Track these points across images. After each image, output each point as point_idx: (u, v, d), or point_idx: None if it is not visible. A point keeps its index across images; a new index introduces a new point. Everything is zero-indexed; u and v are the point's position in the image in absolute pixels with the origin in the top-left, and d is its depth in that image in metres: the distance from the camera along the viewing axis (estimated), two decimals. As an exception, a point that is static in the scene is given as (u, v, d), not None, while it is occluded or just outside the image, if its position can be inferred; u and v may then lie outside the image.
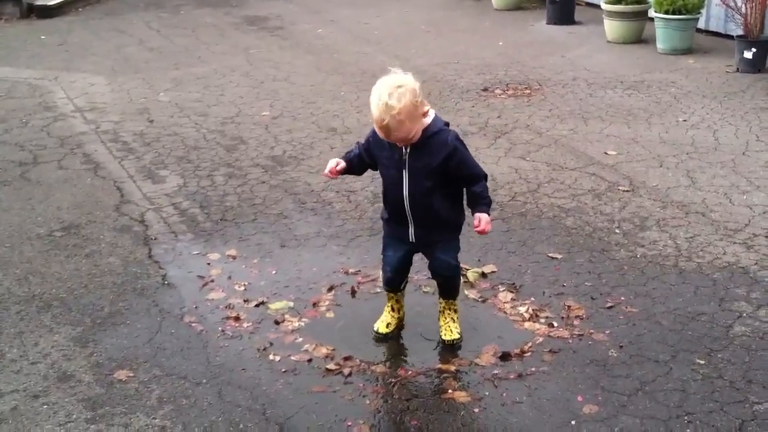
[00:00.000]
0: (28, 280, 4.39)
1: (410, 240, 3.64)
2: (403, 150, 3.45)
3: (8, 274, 4.46)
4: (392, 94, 3.25)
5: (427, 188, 3.48)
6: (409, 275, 3.93)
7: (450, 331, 3.77)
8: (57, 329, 3.91)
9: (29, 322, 3.97)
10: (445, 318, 3.81)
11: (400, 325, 3.91)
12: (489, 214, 3.55)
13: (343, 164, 3.69)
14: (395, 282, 3.81)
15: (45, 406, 3.35)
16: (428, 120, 3.43)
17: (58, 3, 12.75)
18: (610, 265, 4.41)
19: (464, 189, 3.61)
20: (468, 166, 3.52)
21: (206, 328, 3.90)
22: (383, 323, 3.87)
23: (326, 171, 3.70)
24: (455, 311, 3.82)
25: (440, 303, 3.83)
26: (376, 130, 3.39)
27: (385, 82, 3.31)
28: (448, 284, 3.77)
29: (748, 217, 4.96)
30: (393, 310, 3.89)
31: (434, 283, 3.98)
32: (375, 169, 3.69)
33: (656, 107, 7.24)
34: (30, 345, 3.78)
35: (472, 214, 3.56)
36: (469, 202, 3.60)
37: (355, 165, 3.73)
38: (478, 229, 3.52)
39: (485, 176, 3.59)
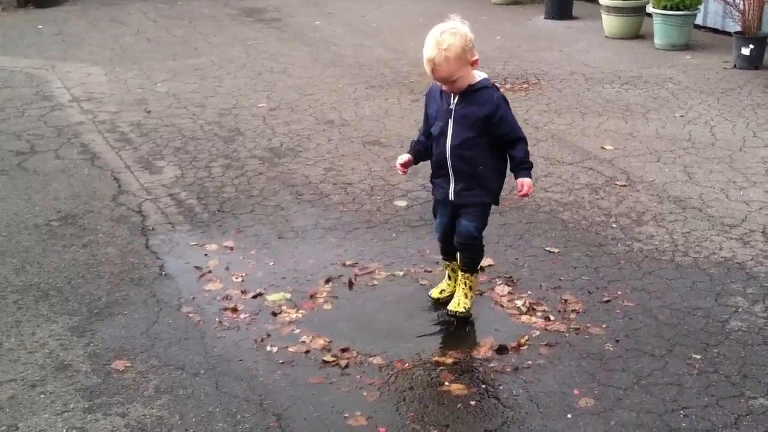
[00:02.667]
0: (26, 270, 4.39)
1: (450, 198, 3.75)
2: (452, 100, 3.62)
3: (5, 264, 4.45)
4: (445, 32, 3.49)
5: (469, 138, 3.62)
6: (411, 267, 3.91)
7: (458, 303, 3.86)
8: (54, 319, 3.91)
9: (26, 312, 3.97)
10: (459, 291, 3.90)
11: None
12: (531, 178, 3.70)
13: (407, 157, 3.84)
14: (444, 247, 3.97)
15: (42, 395, 3.35)
16: (479, 76, 3.64)
17: (55, -8, 12.70)
18: (606, 260, 4.42)
19: (507, 155, 3.74)
20: (508, 125, 3.65)
21: (204, 318, 3.91)
22: (437, 289, 4.04)
23: (398, 168, 3.87)
24: (470, 288, 3.89)
25: (459, 275, 3.92)
26: (425, 66, 3.52)
27: (442, 25, 3.54)
28: (466, 252, 3.84)
29: (744, 212, 4.98)
30: (449, 278, 4.03)
31: (430, 276, 4.03)
32: None
33: (653, 103, 7.25)
34: (27, 334, 3.79)
35: (515, 179, 3.71)
36: (512, 167, 3.74)
37: (421, 150, 3.84)
38: (521, 193, 3.68)
39: (524, 139, 3.71)
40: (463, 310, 3.84)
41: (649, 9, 9.42)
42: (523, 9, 11.95)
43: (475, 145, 3.64)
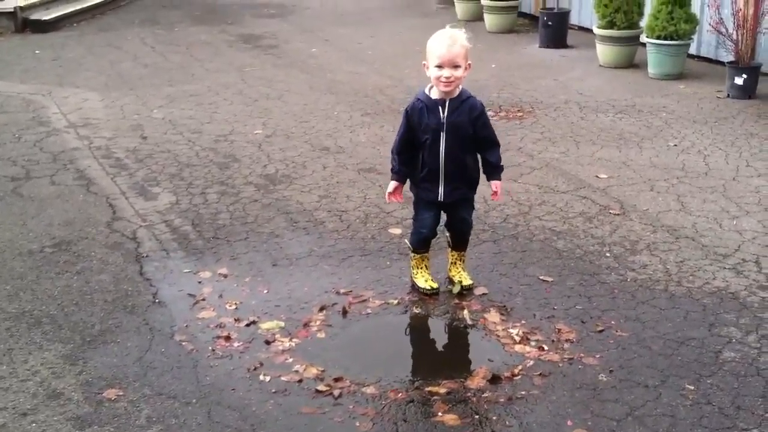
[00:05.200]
0: (19, 297, 4.38)
1: (439, 199, 4.24)
2: (442, 114, 4.09)
3: (-2, 290, 4.45)
4: (460, 33, 4.10)
5: (462, 145, 4.15)
6: (405, 295, 3.92)
7: (466, 278, 4.43)
8: (47, 346, 3.90)
9: (19, 339, 3.96)
10: (458, 268, 4.48)
11: None
12: (501, 180, 4.32)
13: (395, 185, 4.33)
14: (429, 240, 4.42)
15: (33, 424, 3.33)
16: (460, 88, 4.16)
17: (53, 18, 12.77)
18: (600, 289, 4.43)
19: (480, 156, 4.29)
20: (489, 129, 4.23)
21: (197, 347, 3.90)
22: (430, 280, 4.41)
23: (390, 199, 4.39)
24: (463, 261, 4.50)
25: (452, 255, 4.49)
26: (437, 50, 4.01)
27: (451, 29, 4.13)
28: (464, 238, 4.46)
29: (737, 242, 4.99)
30: (427, 267, 4.47)
31: (425, 305, 4.07)
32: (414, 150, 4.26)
33: (647, 131, 7.29)
34: (19, 362, 3.77)
35: (489, 181, 4.29)
36: (486, 170, 4.31)
37: (406, 171, 4.30)
38: (496, 197, 4.34)
39: (499, 144, 4.31)
40: (472, 281, 4.42)
41: (643, 38, 9.50)
42: (517, 37, 12.04)
43: (466, 150, 4.19)
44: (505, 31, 12.33)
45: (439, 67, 4.01)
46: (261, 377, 3.65)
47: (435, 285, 4.39)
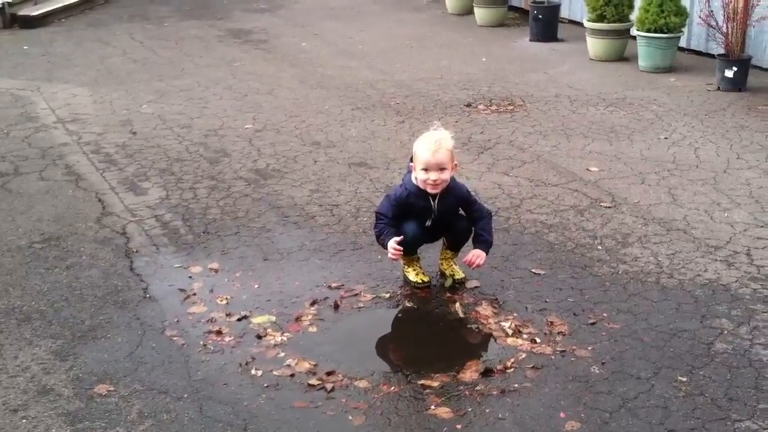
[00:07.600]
0: (8, 293, 4.35)
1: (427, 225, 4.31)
2: (432, 202, 4.19)
3: (-13, 286, 4.42)
4: (439, 132, 4.13)
5: (451, 215, 4.30)
6: (396, 289, 3.90)
7: (458, 271, 4.44)
8: (37, 342, 3.87)
9: (9, 335, 3.93)
10: (449, 262, 4.48)
11: None
12: (486, 253, 4.28)
13: (398, 239, 4.16)
14: (416, 245, 4.39)
15: (24, 420, 3.31)
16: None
17: (41, 13, 12.70)
18: (592, 282, 4.43)
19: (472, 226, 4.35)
20: (477, 208, 4.34)
21: (188, 342, 3.88)
22: (421, 274, 4.41)
23: (393, 256, 4.18)
24: (456, 256, 4.50)
25: (446, 253, 4.48)
26: (427, 158, 4.04)
27: (436, 132, 4.15)
28: (465, 240, 4.42)
29: (729, 234, 5.00)
30: (418, 261, 4.47)
31: (416, 298, 4.09)
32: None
33: (638, 124, 7.29)
34: (9, 358, 3.74)
35: (474, 247, 4.27)
36: (474, 236, 4.33)
37: (395, 229, 4.26)
38: (473, 264, 4.23)
39: (490, 214, 4.42)
40: (464, 275, 4.42)
41: (634, 31, 9.50)
42: (508, 31, 12.03)
43: (457, 215, 4.34)
44: (495, 25, 12.32)
45: (425, 170, 4.07)
46: (253, 372, 3.63)
47: (426, 278, 4.39)
